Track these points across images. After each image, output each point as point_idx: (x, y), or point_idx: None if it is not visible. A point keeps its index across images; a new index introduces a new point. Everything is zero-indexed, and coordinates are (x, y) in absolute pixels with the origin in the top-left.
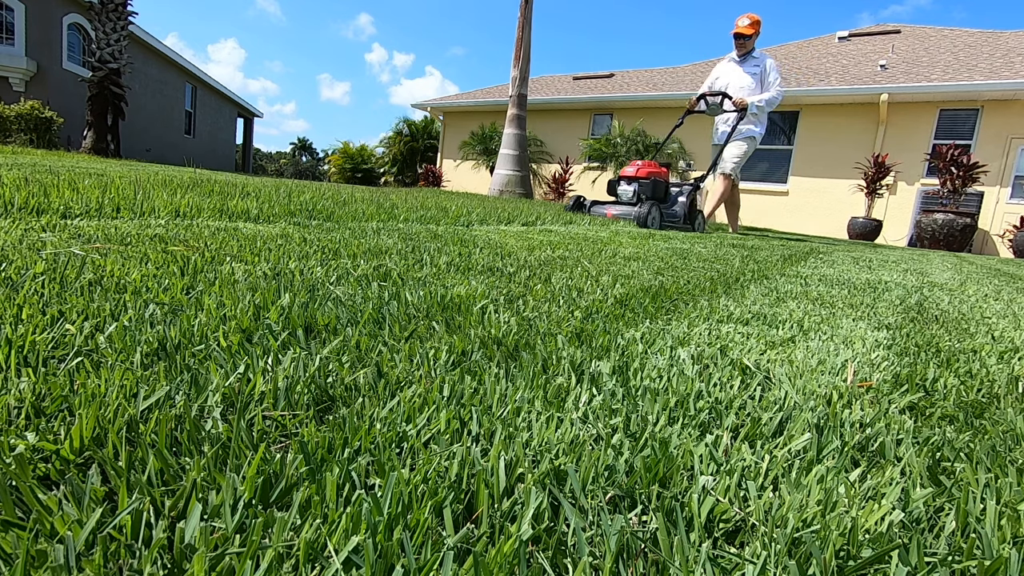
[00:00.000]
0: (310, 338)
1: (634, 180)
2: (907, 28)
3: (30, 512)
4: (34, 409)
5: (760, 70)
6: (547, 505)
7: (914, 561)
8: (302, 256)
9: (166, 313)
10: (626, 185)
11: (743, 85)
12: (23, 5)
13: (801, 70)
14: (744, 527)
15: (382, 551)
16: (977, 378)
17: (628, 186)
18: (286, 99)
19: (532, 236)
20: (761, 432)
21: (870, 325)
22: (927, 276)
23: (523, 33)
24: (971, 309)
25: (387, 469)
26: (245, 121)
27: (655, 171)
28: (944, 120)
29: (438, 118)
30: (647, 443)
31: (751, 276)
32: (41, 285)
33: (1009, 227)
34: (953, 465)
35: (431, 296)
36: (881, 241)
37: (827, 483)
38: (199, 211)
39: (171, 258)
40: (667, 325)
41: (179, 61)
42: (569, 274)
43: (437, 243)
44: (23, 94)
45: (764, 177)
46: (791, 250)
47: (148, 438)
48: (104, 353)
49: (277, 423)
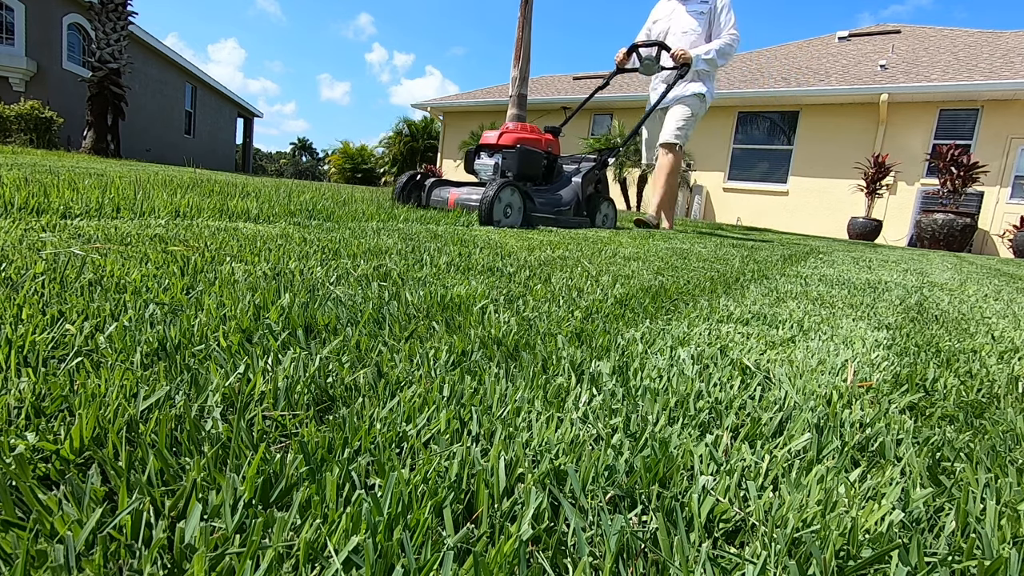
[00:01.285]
0: (310, 338)
1: (496, 150)
2: (907, 28)
3: (30, 512)
4: (34, 409)
5: (709, 9)
6: (547, 505)
7: (914, 561)
8: (302, 256)
9: (166, 313)
10: (486, 157)
11: (687, 30)
12: (23, 5)
13: (801, 70)
14: (744, 527)
15: (382, 551)
16: (977, 378)
17: (489, 159)
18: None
19: (532, 236)
20: (761, 432)
21: (870, 325)
22: (927, 276)
23: (523, 33)
24: (971, 309)
25: (387, 469)
26: (245, 121)
27: (527, 137)
28: (944, 120)
29: (438, 118)
30: (647, 443)
31: (751, 276)
32: (41, 285)
33: (1009, 227)
34: (953, 465)
35: (431, 296)
36: (881, 241)
37: (827, 483)
38: (199, 211)
39: (171, 258)
40: (667, 325)
41: (179, 61)
42: (569, 274)
43: (437, 243)
44: (23, 94)
45: (764, 177)
46: (791, 250)
47: (148, 438)
48: (104, 353)
49: (277, 423)
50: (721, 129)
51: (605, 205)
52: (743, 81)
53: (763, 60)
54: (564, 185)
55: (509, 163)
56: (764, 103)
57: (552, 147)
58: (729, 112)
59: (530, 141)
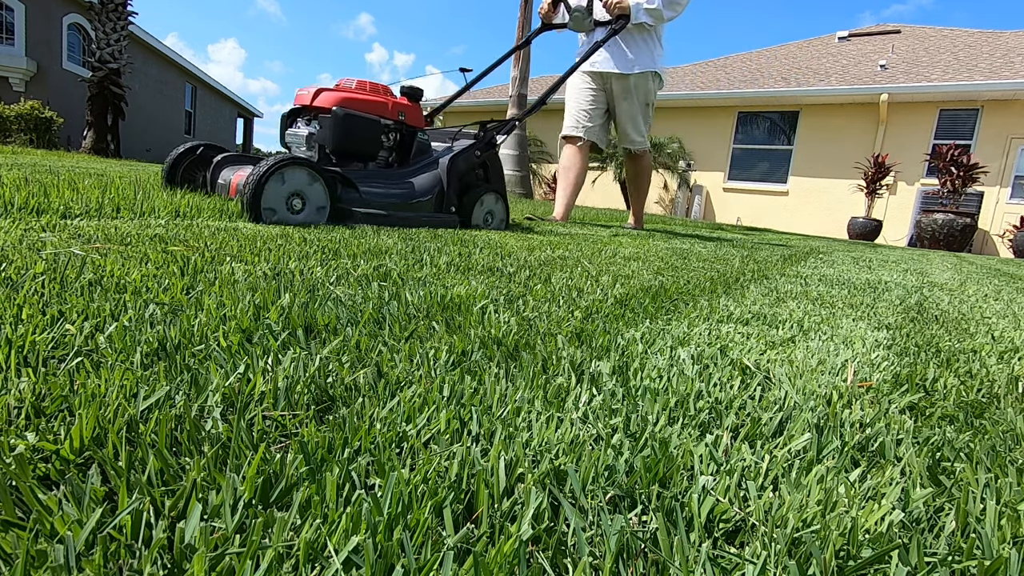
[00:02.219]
0: (310, 338)
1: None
2: (907, 28)
3: (30, 512)
4: (34, 409)
5: None
6: (547, 505)
7: (914, 561)
8: (302, 256)
9: (166, 313)
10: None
11: None
12: (23, 5)
13: (801, 70)
14: (744, 527)
15: (382, 551)
16: (977, 378)
17: (302, 128)
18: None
19: (532, 236)
20: (761, 432)
21: (870, 325)
22: (927, 276)
23: (523, 33)
24: (971, 309)
25: (387, 469)
26: (245, 121)
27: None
28: (944, 120)
29: (438, 118)
30: (647, 443)
31: (751, 276)
32: (41, 285)
33: (1009, 227)
34: (953, 465)
35: (431, 296)
36: (881, 241)
37: (827, 483)
38: (199, 211)
39: (171, 258)
40: (667, 325)
41: (179, 61)
42: (569, 274)
43: (437, 243)
44: (23, 94)
45: (764, 177)
46: (791, 250)
47: (148, 438)
48: (104, 353)
49: (277, 423)
50: (721, 129)
51: (491, 199)
52: (743, 81)
53: (763, 60)
54: (424, 169)
55: (325, 134)
56: (764, 103)
57: (406, 114)
58: (729, 112)
59: (361, 103)
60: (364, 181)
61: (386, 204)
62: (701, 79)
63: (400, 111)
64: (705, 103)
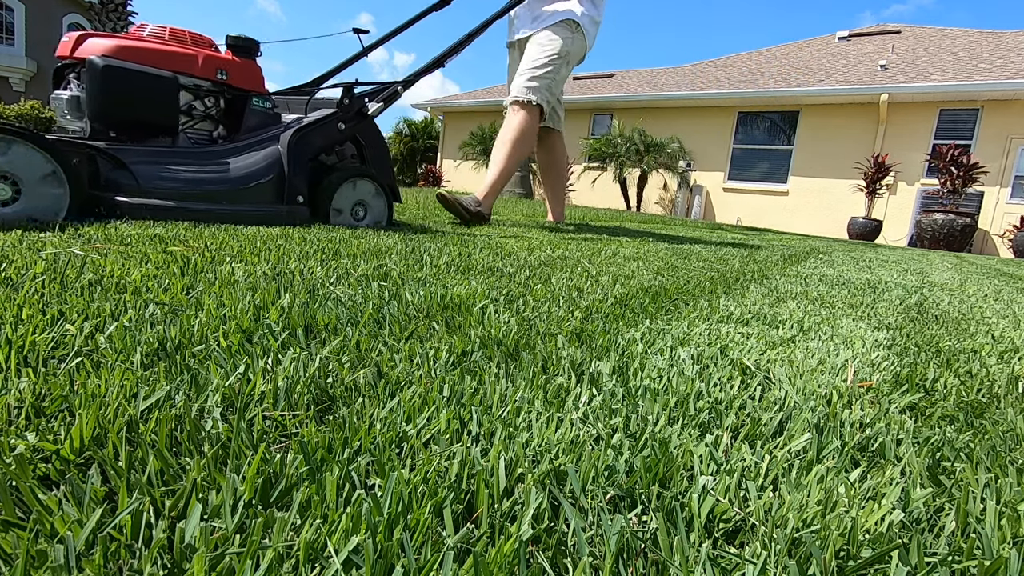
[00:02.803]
0: (310, 338)
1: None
2: (907, 28)
3: (30, 512)
4: (34, 409)
5: None
6: (547, 505)
7: (914, 561)
8: (302, 256)
9: (166, 313)
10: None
11: None
12: (23, 5)
13: (801, 70)
14: (744, 527)
15: (382, 551)
16: (977, 378)
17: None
18: None
19: (532, 236)
20: (761, 432)
21: (870, 325)
22: (927, 276)
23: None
24: (971, 309)
25: (387, 469)
26: None
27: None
28: (944, 120)
29: (438, 118)
30: (647, 443)
31: (751, 276)
32: (41, 285)
33: (1009, 227)
34: (953, 465)
35: (431, 296)
36: (881, 241)
37: (827, 483)
38: None
39: (171, 258)
40: (667, 325)
41: None
42: (569, 274)
43: (437, 243)
44: (23, 94)
45: (764, 177)
46: (791, 250)
47: (148, 438)
48: (104, 353)
49: (277, 423)
50: (721, 129)
51: (366, 187)
52: (743, 81)
53: (763, 60)
54: (255, 147)
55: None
56: (764, 103)
57: (229, 72)
58: (729, 112)
59: (140, 52)
60: (146, 160)
61: (184, 193)
62: (701, 79)
63: (219, 68)
64: (705, 103)
